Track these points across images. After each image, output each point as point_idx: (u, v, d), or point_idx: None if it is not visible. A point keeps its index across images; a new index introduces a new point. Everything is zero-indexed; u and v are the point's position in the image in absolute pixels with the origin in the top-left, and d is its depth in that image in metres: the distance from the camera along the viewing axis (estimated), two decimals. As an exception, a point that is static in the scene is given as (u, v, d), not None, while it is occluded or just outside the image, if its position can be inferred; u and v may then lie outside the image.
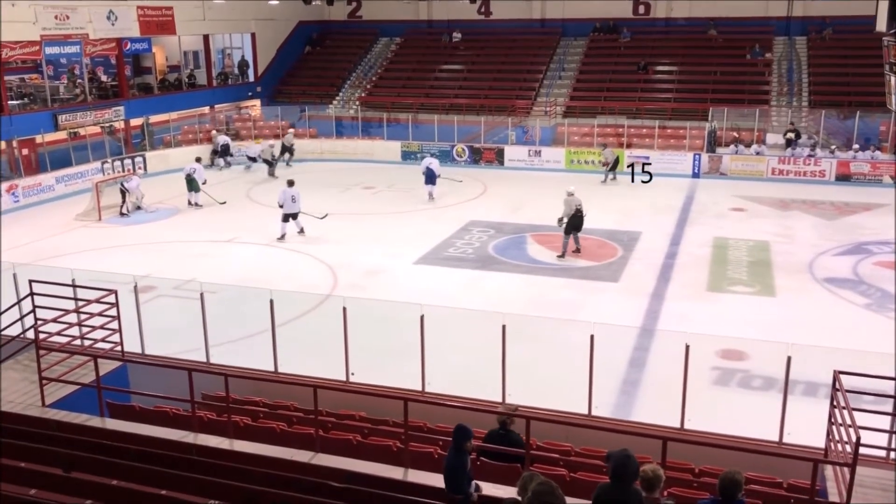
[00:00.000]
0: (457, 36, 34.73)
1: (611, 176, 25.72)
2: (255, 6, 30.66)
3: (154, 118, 29.38)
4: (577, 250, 17.43)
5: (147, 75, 32.21)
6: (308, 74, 35.40)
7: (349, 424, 8.64)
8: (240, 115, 32.72)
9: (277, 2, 26.34)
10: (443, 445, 7.47)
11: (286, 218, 18.82)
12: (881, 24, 13.35)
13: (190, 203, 22.64)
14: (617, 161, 25.75)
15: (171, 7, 28.71)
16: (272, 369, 10.46)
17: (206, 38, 32.06)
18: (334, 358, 10.20)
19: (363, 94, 33.54)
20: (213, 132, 29.05)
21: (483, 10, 34.73)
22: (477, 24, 34.78)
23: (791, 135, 26.16)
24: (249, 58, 34.28)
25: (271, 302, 10.48)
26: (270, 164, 26.54)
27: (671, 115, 28.70)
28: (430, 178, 22.71)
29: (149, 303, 12.47)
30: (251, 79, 34.26)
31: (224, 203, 22.73)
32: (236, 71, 34.51)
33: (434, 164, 23.06)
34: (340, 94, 33.93)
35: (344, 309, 10.12)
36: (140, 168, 26.49)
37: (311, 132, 30.99)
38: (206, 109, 32.02)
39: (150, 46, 29.90)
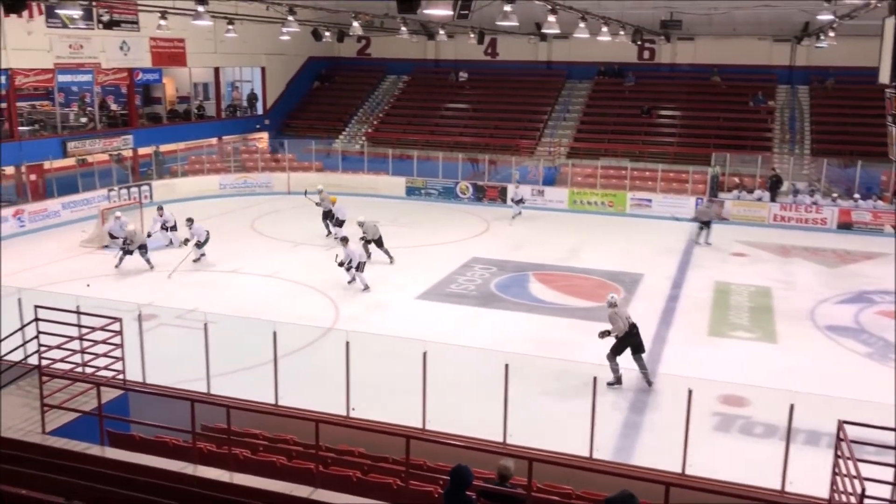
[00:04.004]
0: (463, 75, 35.18)
1: (704, 240, 22.77)
2: (267, 41, 31.09)
3: (163, 147, 29.65)
4: (650, 383, 12.72)
5: (157, 105, 32.59)
6: (316, 109, 35.78)
7: (349, 460, 8.59)
8: (246, 146, 33.03)
9: (288, 38, 26.69)
10: (443, 484, 7.42)
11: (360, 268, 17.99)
12: (884, 76, 13.43)
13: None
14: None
15: (182, 39, 29.11)
16: (272, 402, 10.43)
17: (216, 70, 32.49)
18: (335, 392, 10.19)
19: (370, 130, 33.87)
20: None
21: (490, 51, 35.18)
22: (483, 65, 35.25)
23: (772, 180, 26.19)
24: (259, 91, 34.69)
25: (274, 334, 10.48)
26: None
27: (674, 158, 28.93)
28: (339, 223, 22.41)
29: (151, 331, 12.47)
30: (259, 112, 34.63)
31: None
32: (245, 103, 34.89)
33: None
34: (347, 129, 34.25)
35: (347, 343, 10.13)
36: (146, 196, 26.63)
37: (317, 166, 31.25)
38: (214, 140, 32.34)
39: (161, 77, 30.27)
